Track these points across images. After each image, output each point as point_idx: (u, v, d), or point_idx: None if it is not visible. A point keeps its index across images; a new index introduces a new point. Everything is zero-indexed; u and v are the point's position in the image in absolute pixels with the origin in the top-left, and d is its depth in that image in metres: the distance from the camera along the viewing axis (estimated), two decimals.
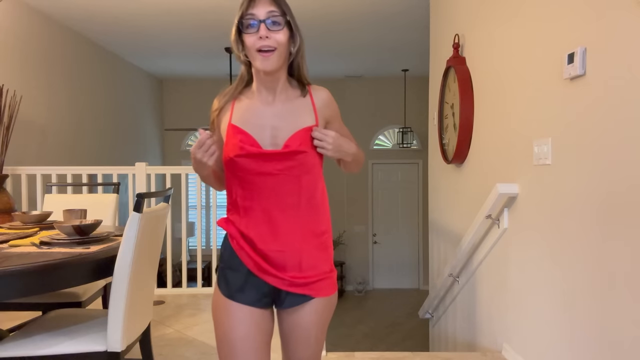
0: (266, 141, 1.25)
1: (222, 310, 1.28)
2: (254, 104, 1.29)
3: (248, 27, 1.21)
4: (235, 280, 1.28)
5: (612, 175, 1.58)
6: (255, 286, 1.27)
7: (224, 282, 1.30)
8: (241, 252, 1.27)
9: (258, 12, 1.20)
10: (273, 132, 1.26)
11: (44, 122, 4.47)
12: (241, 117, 1.28)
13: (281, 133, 1.25)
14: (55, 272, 1.55)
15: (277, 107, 1.28)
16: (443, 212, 3.63)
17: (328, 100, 1.34)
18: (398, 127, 7.51)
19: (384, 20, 4.73)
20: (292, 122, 1.26)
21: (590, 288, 1.70)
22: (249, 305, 1.27)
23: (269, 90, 1.28)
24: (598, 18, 1.65)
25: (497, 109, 2.55)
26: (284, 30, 1.21)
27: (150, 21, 4.74)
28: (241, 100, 1.31)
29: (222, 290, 1.29)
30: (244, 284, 1.27)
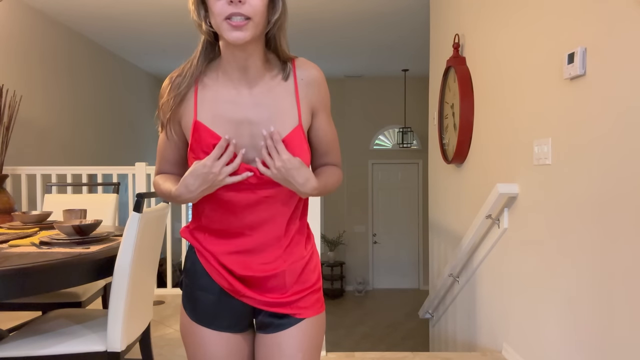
0: (244, 143, 0.99)
1: (192, 337, 1.07)
2: (222, 91, 1.00)
3: None
4: (206, 303, 1.06)
5: (612, 175, 1.58)
6: (230, 308, 1.05)
7: (190, 305, 1.07)
8: (212, 270, 1.05)
9: None
10: (251, 132, 0.99)
11: (44, 122, 4.47)
12: (209, 110, 0.99)
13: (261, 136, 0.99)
14: (55, 272, 1.55)
15: (254, 95, 0.99)
16: (443, 212, 3.63)
17: (316, 83, 1.04)
18: (398, 127, 7.51)
19: (384, 20, 4.73)
20: (273, 119, 0.99)
21: (591, 288, 1.70)
22: (224, 331, 1.06)
23: (242, 70, 0.99)
24: (598, 18, 1.65)
25: (497, 109, 2.55)
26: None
27: (150, 21, 4.74)
28: (205, 86, 1.01)
29: (190, 314, 1.07)
30: (217, 306, 1.05)
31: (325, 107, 1.08)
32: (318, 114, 1.07)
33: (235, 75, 1.00)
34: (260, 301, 1.05)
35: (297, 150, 0.99)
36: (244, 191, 1.00)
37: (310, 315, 1.07)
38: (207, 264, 1.06)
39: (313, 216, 2.38)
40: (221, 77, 1.02)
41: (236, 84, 1.00)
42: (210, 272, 1.05)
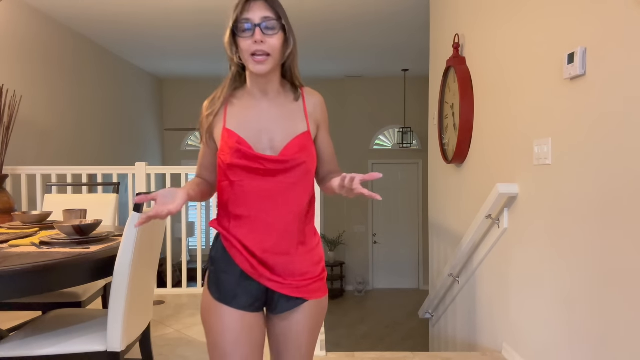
0: (263, 145, 1.24)
1: (213, 314, 1.25)
2: (247, 107, 1.27)
3: (243, 30, 1.18)
4: (228, 283, 1.25)
5: (612, 175, 1.58)
6: (247, 290, 1.25)
7: (215, 286, 1.27)
8: (236, 253, 1.24)
9: (253, 16, 1.18)
10: (269, 136, 1.24)
11: (44, 122, 4.47)
12: (235, 120, 1.26)
13: (277, 137, 1.24)
14: (55, 272, 1.55)
15: (272, 110, 1.27)
16: (443, 212, 3.63)
17: (320, 106, 1.34)
18: (398, 127, 7.51)
19: (384, 20, 4.73)
20: (286, 127, 1.25)
21: (590, 288, 1.70)
22: (241, 310, 1.24)
23: (262, 93, 1.27)
24: (598, 18, 1.65)
25: (497, 109, 2.55)
26: (278, 34, 1.19)
27: (151, 21, 4.74)
28: (233, 104, 1.28)
29: (213, 294, 1.26)
30: (237, 287, 1.25)
31: (326, 124, 1.36)
32: (321, 129, 1.34)
33: (257, 96, 1.28)
34: (276, 282, 1.24)
35: (306, 148, 1.25)
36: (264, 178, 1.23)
37: (316, 298, 1.30)
38: (231, 248, 1.26)
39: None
40: (246, 97, 1.29)
41: (258, 102, 1.28)
42: (233, 255, 1.25)
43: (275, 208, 1.23)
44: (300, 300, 1.27)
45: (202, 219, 7.11)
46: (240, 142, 1.22)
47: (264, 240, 1.23)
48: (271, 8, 1.19)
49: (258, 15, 1.18)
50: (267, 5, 1.19)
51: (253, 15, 1.18)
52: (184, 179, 3.75)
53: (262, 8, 1.18)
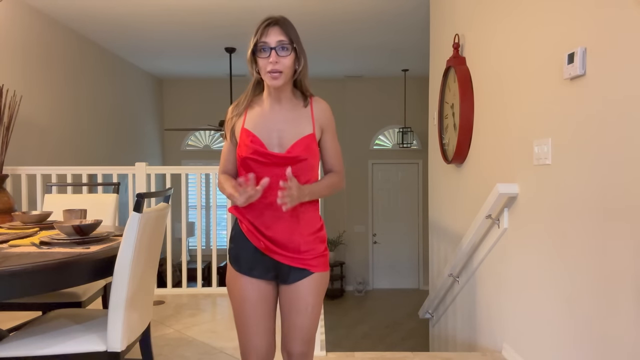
0: (273, 142, 1.49)
1: (236, 284, 1.54)
2: (263, 111, 1.52)
3: (261, 51, 1.43)
4: (246, 258, 1.53)
5: (612, 175, 1.58)
6: (261, 263, 1.52)
7: (235, 261, 1.55)
8: (251, 235, 1.51)
9: (270, 40, 1.41)
10: (279, 135, 1.49)
11: (44, 122, 4.47)
12: (253, 122, 1.51)
13: (286, 136, 1.48)
14: (55, 272, 1.55)
15: (283, 114, 1.51)
16: (443, 212, 3.63)
17: (326, 112, 1.56)
18: (398, 127, 7.51)
19: (384, 21, 4.73)
20: (295, 128, 1.49)
21: (591, 287, 1.70)
22: (258, 279, 1.52)
23: (276, 100, 1.51)
24: (598, 18, 1.65)
25: (497, 109, 2.55)
26: (290, 55, 1.43)
27: (150, 21, 4.74)
28: (253, 108, 1.54)
29: (235, 267, 1.55)
30: (253, 261, 1.52)
31: (331, 128, 1.57)
32: (326, 132, 1.56)
33: (272, 102, 1.52)
34: (285, 256, 1.50)
35: (309, 147, 1.49)
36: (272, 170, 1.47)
37: (319, 271, 1.54)
38: (246, 229, 1.52)
39: None
40: (264, 104, 1.54)
41: (272, 107, 1.52)
42: (248, 235, 1.52)
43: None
44: (306, 272, 1.51)
45: (202, 219, 7.11)
46: (254, 140, 1.47)
47: (272, 222, 1.49)
48: (285, 33, 1.43)
49: (274, 39, 1.41)
50: (281, 31, 1.42)
51: (270, 39, 1.41)
52: (184, 179, 3.76)
53: (277, 33, 1.42)
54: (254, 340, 1.54)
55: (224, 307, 3.58)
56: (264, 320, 1.54)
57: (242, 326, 1.55)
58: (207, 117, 7.42)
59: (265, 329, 1.55)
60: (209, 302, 3.68)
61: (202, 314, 3.37)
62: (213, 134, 7.88)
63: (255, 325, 1.53)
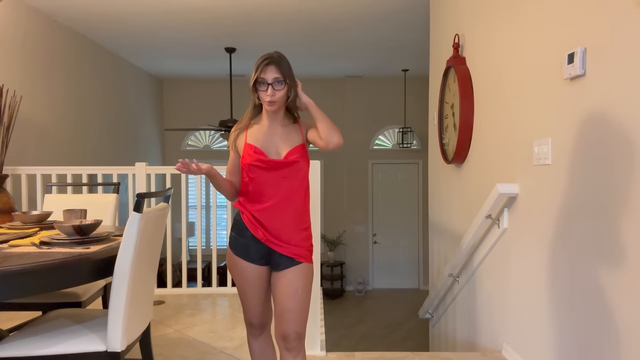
0: (272, 151, 1.82)
1: (237, 266, 1.84)
2: (262, 128, 1.85)
3: (260, 85, 1.75)
4: (244, 245, 1.82)
5: (612, 175, 1.58)
6: (256, 250, 1.81)
7: (236, 247, 1.84)
8: (251, 225, 1.80)
9: (267, 76, 1.74)
10: (276, 145, 1.83)
11: (44, 122, 4.47)
12: (254, 137, 1.84)
13: (281, 146, 1.82)
14: (55, 272, 1.55)
15: (278, 130, 1.85)
16: (443, 212, 3.63)
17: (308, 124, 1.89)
18: (398, 127, 7.51)
19: (384, 20, 4.73)
20: (288, 140, 1.84)
21: (591, 287, 1.70)
22: (253, 263, 1.81)
23: (272, 119, 1.84)
24: (598, 18, 1.65)
25: (497, 109, 2.55)
26: (284, 88, 1.76)
27: (150, 21, 4.74)
28: (252, 127, 1.87)
29: (234, 251, 1.84)
30: (249, 248, 1.81)
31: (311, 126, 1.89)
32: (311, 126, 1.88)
33: (269, 121, 1.85)
34: (278, 245, 1.79)
35: (301, 154, 1.82)
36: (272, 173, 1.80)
37: (305, 262, 1.82)
38: (247, 220, 1.81)
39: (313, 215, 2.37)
40: (262, 122, 1.86)
41: (269, 125, 1.85)
42: (249, 225, 1.81)
43: (278, 193, 1.79)
44: (294, 261, 1.79)
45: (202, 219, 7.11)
46: (257, 151, 1.80)
47: (269, 215, 1.79)
48: (279, 71, 1.74)
49: (270, 76, 1.74)
50: (277, 69, 1.74)
51: (267, 76, 1.74)
52: (184, 179, 3.76)
53: (273, 71, 1.74)
54: (255, 308, 1.88)
55: (224, 307, 3.58)
56: (261, 293, 1.86)
57: (244, 298, 1.88)
58: (207, 117, 7.42)
59: (263, 299, 1.88)
60: (209, 302, 3.68)
61: (202, 314, 3.37)
62: (213, 134, 7.88)
63: (255, 297, 1.86)
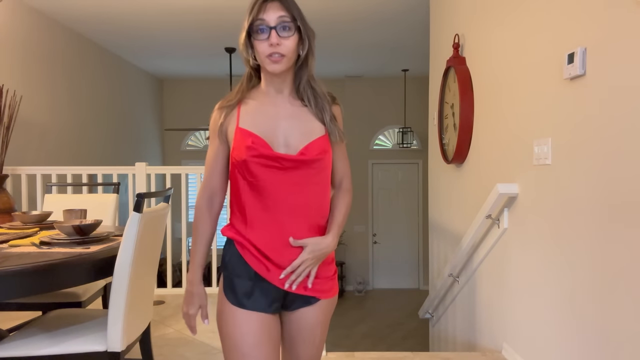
0: (279, 141, 1.23)
1: (231, 319, 1.25)
2: (262, 106, 1.26)
3: (258, 32, 1.18)
4: (244, 287, 1.24)
5: (612, 175, 1.58)
6: (264, 292, 1.24)
7: (230, 290, 1.26)
8: (251, 258, 1.24)
9: (269, 17, 1.17)
10: (285, 133, 1.23)
11: (44, 122, 4.47)
12: (250, 119, 1.24)
13: (293, 134, 1.23)
14: (55, 272, 1.55)
15: (287, 108, 1.26)
16: (443, 212, 3.63)
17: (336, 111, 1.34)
18: (398, 127, 7.51)
19: (384, 20, 4.73)
20: (302, 126, 1.25)
21: (591, 288, 1.70)
22: (259, 312, 1.23)
23: (277, 91, 1.27)
24: (598, 18, 1.65)
25: (497, 109, 2.55)
26: (294, 36, 1.20)
27: (150, 21, 4.74)
28: (247, 103, 1.27)
29: (230, 298, 1.26)
30: (252, 290, 1.24)
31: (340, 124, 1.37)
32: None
33: (272, 94, 1.27)
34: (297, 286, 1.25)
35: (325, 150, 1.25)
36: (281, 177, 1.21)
37: (328, 297, 1.32)
38: (246, 253, 1.24)
39: None
40: (262, 97, 1.28)
41: (273, 100, 1.27)
42: (248, 259, 1.24)
43: (292, 209, 1.22)
44: (313, 299, 1.28)
45: None
46: (257, 141, 1.20)
47: (281, 246, 1.22)
48: (286, 9, 1.19)
49: (273, 16, 1.17)
50: (282, 6, 1.18)
51: (269, 16, 1.17)
52: (184, 179, 3.75)
53: (277, 9, 1.18)
54: None
55: None
56: (270, 354, 1.24)
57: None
58: (207, 117, 7.27)
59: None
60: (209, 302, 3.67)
61: None
62: None
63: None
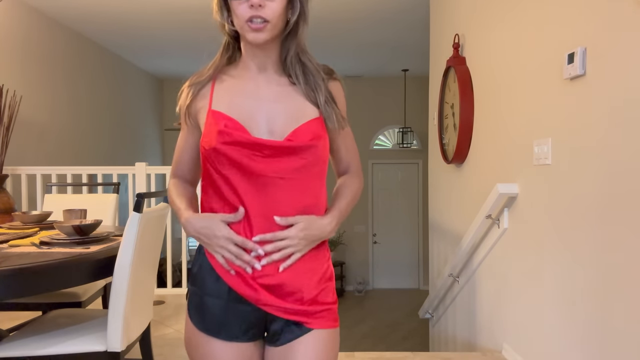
0: (260, 126, 1.00)
1: (199, 349, 1.02)
2: (241, 83, 1.04)
3: None
4: (215, 308, 1.01)
5: (612, 175, 1.58)
6: (240, 315, 1.00)
7: (198, 313, 1.02)
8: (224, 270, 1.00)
9: None
10: (268, 115, 1.01)
11: (44, 122, 4.47)
12: (225, 100, 1.03)
13: (278, 119, 1.01)
14: (55, 272, 1.55)
15: (271, 88, 1.03)
16: (443, 212, 3.63)
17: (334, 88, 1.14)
18: (398, 127, 7.51)
19: (384, 20, 4.73)
20: (290, 108, 1.02)
21: (591, 288, 1.70)
22: (233, 341, 1.00)
23: (260, 67, 1.04)
24: (598, 18, 1.65)
25: (497, 109, 2.55)
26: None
27: (150, 21, 4.74)
28: (223, 80, 1.06)
29: (197, 323, 1.02)
30: (226, 313, 1.00)
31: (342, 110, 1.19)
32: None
33: (254, 70, 1.05)
34: (280, 308, 1.00)
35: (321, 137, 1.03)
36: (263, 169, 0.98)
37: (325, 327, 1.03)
38: (218, 263, 1.01)
39: None
40: (241, 73, 1.07)
41: (255, 77, 1.05)
42: (222, 273, 1.01)
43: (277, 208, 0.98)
44: (305, 329, 1.01)
45: None
46: (230, 124, 0.98)
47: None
48: None
49: None
50: None
51: None
52: None
53: None
54: None
55: None
56: None
57: None
58: None
59: None
60: None
61: None
62: None
63: None
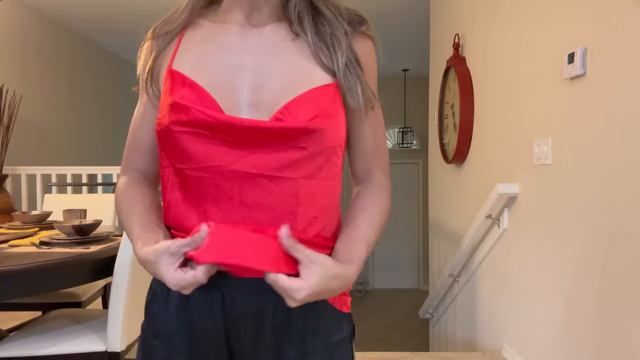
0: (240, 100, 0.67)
1: None
2: (219, 31, 0.73)
3: None
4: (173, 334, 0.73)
5: (612, 175, 1.58)
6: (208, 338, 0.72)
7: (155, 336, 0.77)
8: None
9: None
10: (254, 83, 0.68)
11: (44, 122, 4.47)
12: (192, 54, 0.71)
13: (268, 86, 0.68)
14: (55, 272, 1.55)
15: (264, 40, 0.71)
16: (443, 212, 3.63)
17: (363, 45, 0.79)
18: (398, 127, 7.51)
19: (384, 20, 4.73)
20: (289, 69, 0.69)
21: (590, 288, 1.70)
22: None
23: (251, 12, 0.72)
24: (598, 18, 1.65)
25: (497, 109, 2.55)
26: None
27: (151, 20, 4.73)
28: (198, 26, 0.75)
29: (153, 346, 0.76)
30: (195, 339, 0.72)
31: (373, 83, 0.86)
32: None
33: (240, 18, 0.73)
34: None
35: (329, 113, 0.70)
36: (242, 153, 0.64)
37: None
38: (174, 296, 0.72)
39: None
40: (223, 17, 0.75)
41: (241, 25, 0.73)
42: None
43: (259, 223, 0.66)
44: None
45: None
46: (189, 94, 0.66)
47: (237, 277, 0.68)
48: None
49: None
50: None
51: None
52: None
53: None
54: None
55: None
56: None
57: None
58: None
59: None
60: None
61: None
62: None
63: None
